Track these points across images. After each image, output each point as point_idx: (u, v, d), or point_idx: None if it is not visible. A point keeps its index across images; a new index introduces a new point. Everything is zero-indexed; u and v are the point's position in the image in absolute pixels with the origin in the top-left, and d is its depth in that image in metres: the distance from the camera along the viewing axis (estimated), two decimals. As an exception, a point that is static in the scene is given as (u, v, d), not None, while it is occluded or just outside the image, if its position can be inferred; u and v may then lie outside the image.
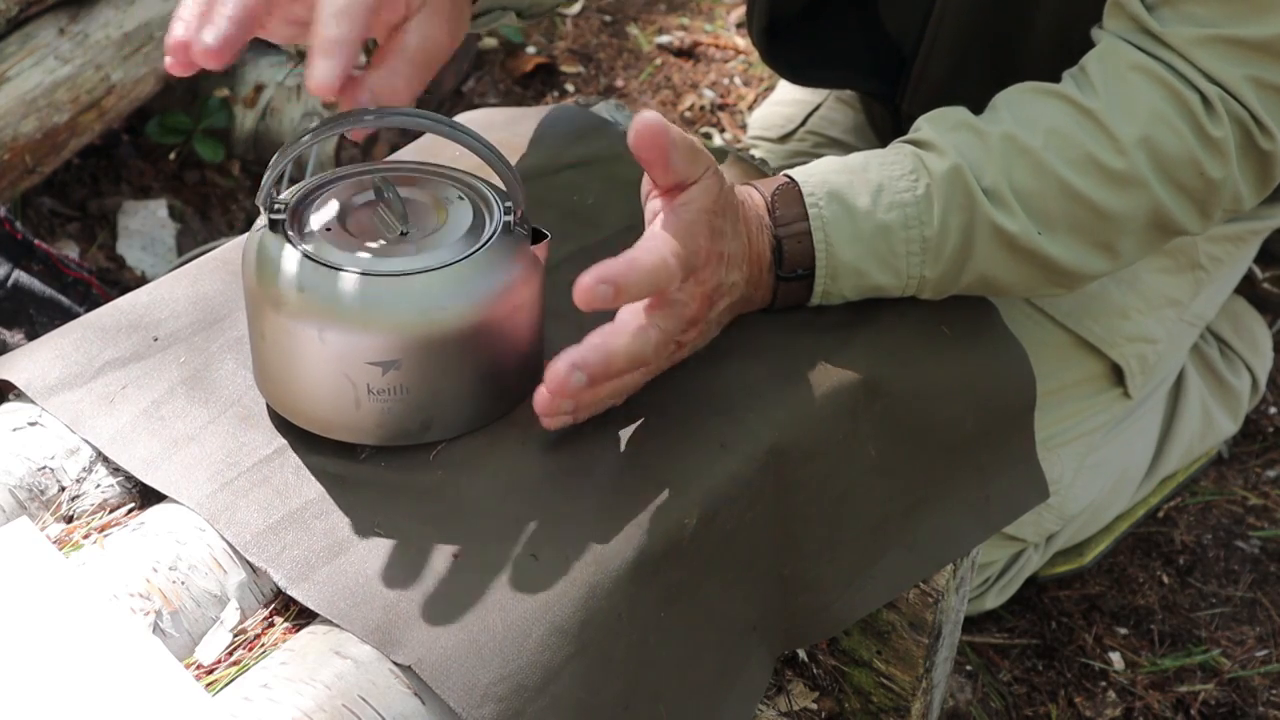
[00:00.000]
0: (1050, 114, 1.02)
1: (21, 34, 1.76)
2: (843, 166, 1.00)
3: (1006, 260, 1.02)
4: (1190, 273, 1.45)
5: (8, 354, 0.98)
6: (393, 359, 0.86)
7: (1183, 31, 1.02)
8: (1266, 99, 1.03)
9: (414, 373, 0.87)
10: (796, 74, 1.45)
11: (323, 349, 0.86)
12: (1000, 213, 1.00)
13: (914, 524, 1.03)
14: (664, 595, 0.88)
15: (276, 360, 0.89)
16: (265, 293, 0.87)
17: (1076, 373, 1.43)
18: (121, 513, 0.90)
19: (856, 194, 0.98)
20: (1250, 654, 1.54)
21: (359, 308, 0.85)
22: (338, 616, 0.81)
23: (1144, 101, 1.01)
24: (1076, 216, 1.02)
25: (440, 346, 0.87)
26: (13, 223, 1.55)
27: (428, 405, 0.89)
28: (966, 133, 1.01)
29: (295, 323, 0.86)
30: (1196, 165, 1.02)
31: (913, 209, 0.98)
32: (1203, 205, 1.05)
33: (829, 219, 0.98)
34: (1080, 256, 1.04)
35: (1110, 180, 1.01)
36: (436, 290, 0.86)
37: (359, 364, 0.86)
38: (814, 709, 1.12)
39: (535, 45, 2.45)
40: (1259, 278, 1.66)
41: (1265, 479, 1.73)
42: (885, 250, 0.99)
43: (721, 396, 0.95)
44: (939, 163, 1.00)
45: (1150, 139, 1.01)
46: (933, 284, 1.02)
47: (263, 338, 0.89)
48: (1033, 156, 1.00)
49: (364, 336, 0.85)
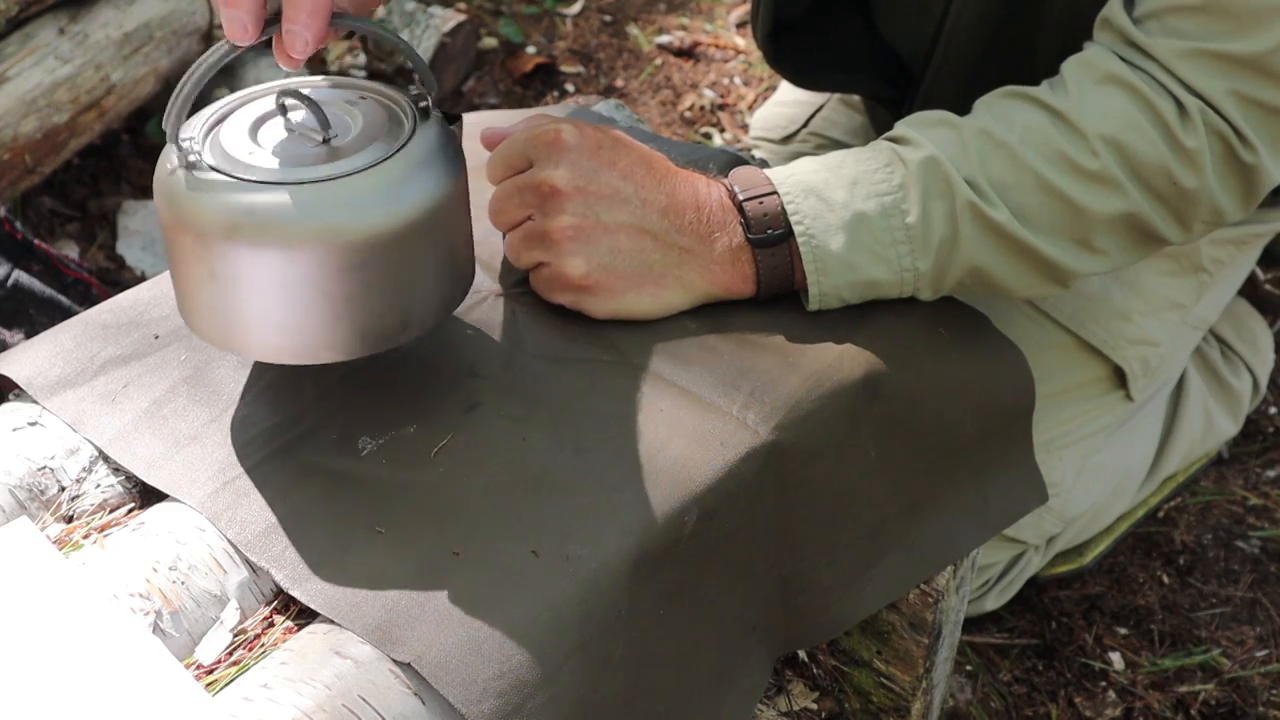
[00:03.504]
0: (1024, 114, 1.03)
1: (21, 34, 1.76)
2: (818, 165, 1.02)
3: (995, 250, 1.02)
4: (1193, 276, 1.45)
5: (7, 351, 0.98)
6: (365, 259, 0.84)
7: (1167, 44, 1.03)
8: (1249, 113, 1.03)
9: (386, 269, 0.85)
10: (801, 78, 1.45)
11: (293, 269, 0.83)
12: (982, 201, 1.01)
13: (913, 526, 1.03)
14: (664, 593, 0.88)
15: (238, 299, 0.85)
16: (212, 229, 0.83)
17: (1078, 375, 1.43)
18: (121, 513, 0.90)
19: (833, 189, 1.00)
20: (1250, 654, 1.54)
21: (323, 217, 0.83)
22: (338, 616, 0.81)
23: (1116, 108, 1.03)
24: (1053, 210, 1.03)
25: (407, 235, 0.85)
26: (13, 223, 1.55)
27: (403, 299, 0.87)
28: (943, 128, 1.03)
29: (256, 250, 0.83)
30: (1168, 174, 1.03)
31: (889, 198, 1.00)
32: (1180, 215, 1.06)
33: (807, 212, 0.99)
34: (1064, 252, 1.04)
35: (1084, 177, 1.02)
36: (393, 181, 0.85)
37: (333, 274, 0.84)
38: (814, 709, 1.12)
39: (535, 45, 2.45)
40: (1261, 279, 1.66)
41: (1265, 479, 1.73)
42: (869, 240, 1.00)
43: (722, 396, 0.95)
44: (915, 153, 1.01)
45: (1120, 143, 1.02)
46: (929, 278, 1.02)
47: (214, 279, 0.85)
48: (1008, 150, 1.02)
49: (335, 245, 0.83)
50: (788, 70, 1.42)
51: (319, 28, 0.84)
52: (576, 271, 0.97)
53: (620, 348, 0.99)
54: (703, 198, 1.00)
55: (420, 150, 0.87)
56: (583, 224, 0.97)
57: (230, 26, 0.85)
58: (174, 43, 1.91)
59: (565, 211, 0.97)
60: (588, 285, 0.98)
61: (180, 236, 0.85)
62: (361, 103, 0.91)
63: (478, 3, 2.51)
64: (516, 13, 2.52)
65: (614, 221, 0.98)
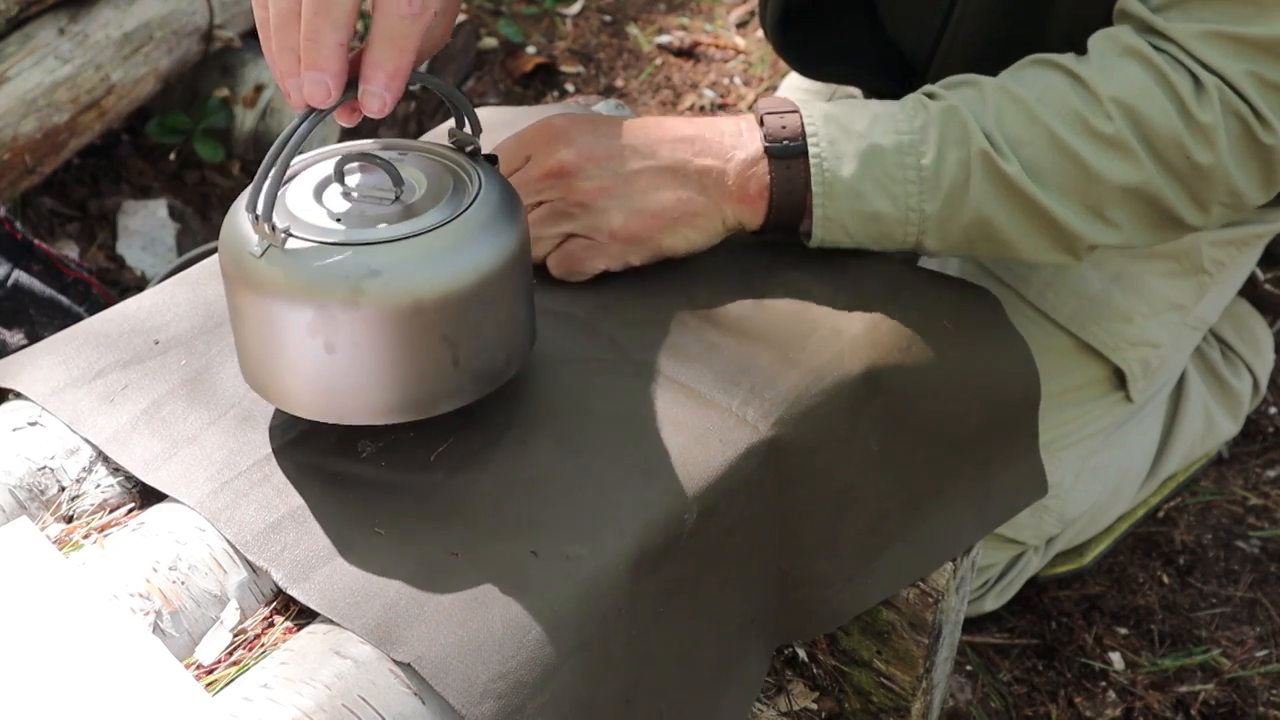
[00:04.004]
0: (1046, 76, 1.06)
1: (21, 34, 1.76)
2: (845, 104, 1.06)
3: (1003, 203, 1.04)
4: (1194, 277, 1.45)
5: (10, 357, 0.98)
6: (482, 301, 0.85)
7: (1186, 27, 1.04)
8: (1268, 95, 1.04)
9: (499, 307, 0.87)
10: (807, 67, 1.45)
11: (421, 319, 0.83)
12: (996, 153, 1.03)
13: (915, 519, 1.03)
14: (664, 591, 0.88)
15: (359, 364, 0.84)
16: (329, 298, 0.82)
17: (1079, 377, 1.43)
18: (121, 513, 0.90)
19: (854, 120, 1.04)
20: (1250, 654, 1.54)
21: (442, 264, 0.83)
22: (338, 615, 0.81)
23: (1133, 76, 1.04)
24: (1065, 171, 1.04)
25: (510, 271, 0.87)
26: (13, 223, 1.55)
27: (508, 333, 0.89)
28: (967, 86, 1.07)
29: (382, 310, 0.82)
30: (1182, 147, 1.04)
31: (908, 138, 1.03)
32: (1196, 194, 1.06)
33: (824, 135, 1.02)
34: (1075, 216, 1.06)
35: (1098, 140, 1.04)
36: (492, 221, 0.86)
37: (456, 320, 0.84)
38: (814, 709, 1.12)
39: (535, 45, 2.45)
40: (1261, 279, 1.66)
41: (1265, 479, 1.73)
42: (880, 172, 1.02)
43: (722, 393, 0.95)
44: (938, 104, 1.05)
45: (1135, 110, 1.03)
46: (934, 222, 1.04)
47: (331, 349, 0.84)
48: (1024, 107, 1.04)
49: (457, 291, 0.84)
50: (794, 58, 1.43)
51: (399, 89, 0.83)
52: (617, 223, 1.01)
53: (621, 345, 0.99)
54: (710, 126, 1.04)
55: (497, 190, 0.88)
56: (604, 182, 1.01)
57: (311, 90, 0.81)
58: (174, 43, 1.91)
59: (585, 177, 1.00)
60: (632, 233, 1.01)
61: (284, 313, 0.83)
62: (409, 158, 0.91)
63: (478, 3, 2.51)
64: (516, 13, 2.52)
65: (630, 170, 1.01)
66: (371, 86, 0.82)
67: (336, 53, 0.80)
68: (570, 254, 1.02)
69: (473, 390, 0.88)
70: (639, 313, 1.02)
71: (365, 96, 0.82)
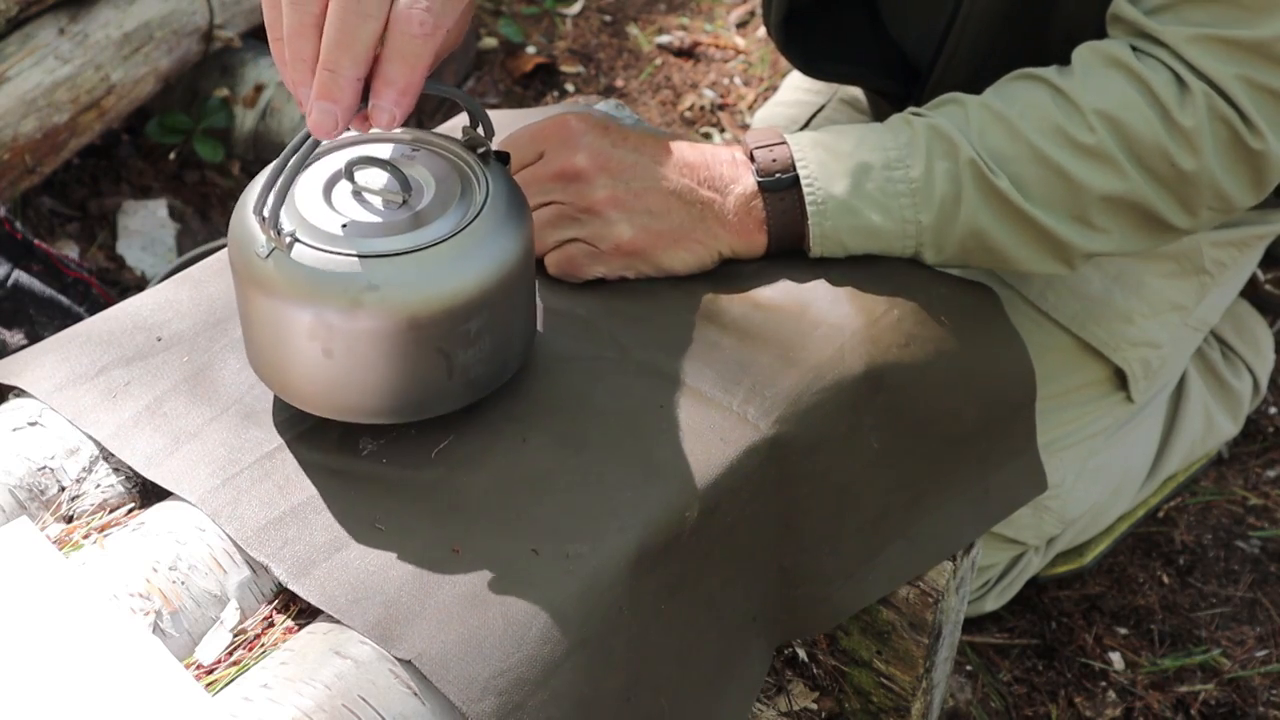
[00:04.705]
0: (1028, 91, 1.07)
1: (21, 34, 1.76)
2: (829, 130, 1.08)
3: (996, 215, 1.06)
4: (1195, 278, 1.45)
5: (12, 356, 0.98)
6: (482, 311, 0.85)
7: (1177, 30, 1.05)
8: (1257, 99, 1.05)
9: (498, 316, 0.87)
10: (810, 66, 1.45)
11: (416, 333, 0.84)
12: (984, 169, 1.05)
13: (915, 516, 1.03)
14: (664, 588, 0.88)
15: (356, 370, 0.85)
16: (329, 306, 0.83)
17: (1079, 377, 1.43)
18: (121, 513, 0.90)
19: (840, 141, 1.06)
20: (1250, 654, 1.54)
21: (440, 280, 0.84)
22: (338, 612, 0.81)
23: (1114, 87, 1.05)
24: (1050, 184, 1.05)
25: (512, 279, 0.87)
26: (13, 223, 1.55)
27: (506, 339, 0.89)
28: (950, 104, 1.09)
29: (379, 322, 0.83)
30: (1165, 154, 1.05)
31: (894, 153, 1.05)
32: (1183, 199, 1.07)
33: (812, 159, 1.04)
34: (1064, 226, 1.07)
35: (1080, 152, 1.05)
36: (495, 231, 0.86)
37: (452, 331, 0.85)
38: (814, 709, 1.12)
39: (535, 45, 2.45)
40: (1261, 280, 1.65)
41: (1265, 479, 1.73)
42: (871, 187, 1.04)
43: (722, 391, 0.95)
44: (922, 120, 1.07)
45: (1117, 120, 1.05)
46: (931, 233, 1.05)
47: (330, 355, 0.85)
48: (1007, 124, 1.05)
49: (454, 307, 0.84)
50: (797, 57, 1.43)
51: (410, 105, 0.84)
52: (625, 236, 1.01)
53: (622, 343, 0.99)
54: (711, 156, 1.05)
55: (504, 198, 0.88)
56: (616, 193, 1.01)
57: (319, 119, 0.82)
58: (174, 43, 1.91)
59: (597, 185, 1.01)
60: (637, 247, 1.02)
61: (286, 314, 0.84)
62: (419, 156, 0.91)
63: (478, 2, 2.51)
64: (516, 13, 2.52)
65: (641, 187, 1.02)
66: (382, 102, 0.83)
67: (353, 88, 0.82)
68: (571, 258, 1.03)
69: (467, 395, 0.90)
70: (640, 311, 1.02)
71: (375, 111, 0.83)
